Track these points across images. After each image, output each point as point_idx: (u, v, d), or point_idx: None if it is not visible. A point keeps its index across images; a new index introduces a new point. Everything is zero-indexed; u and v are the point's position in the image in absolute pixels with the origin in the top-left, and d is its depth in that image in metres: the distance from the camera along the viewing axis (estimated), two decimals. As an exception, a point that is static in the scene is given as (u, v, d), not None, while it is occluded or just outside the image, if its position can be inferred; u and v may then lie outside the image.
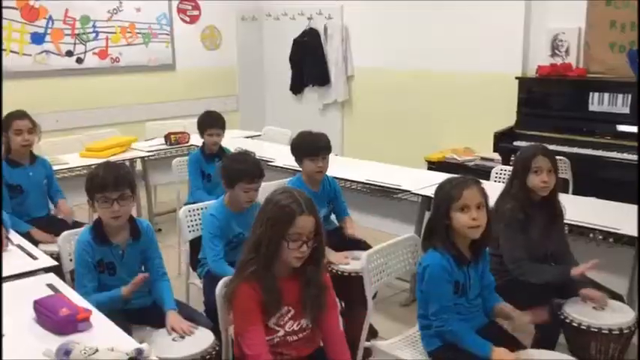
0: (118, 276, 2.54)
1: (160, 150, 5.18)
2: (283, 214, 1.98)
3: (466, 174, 2.46)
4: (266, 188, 3.07)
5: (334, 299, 2.21)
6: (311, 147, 3.32)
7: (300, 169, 3.42)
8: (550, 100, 5.07)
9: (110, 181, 2.43)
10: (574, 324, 2.52)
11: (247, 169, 2.95)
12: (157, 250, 2.67)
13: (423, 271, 2.34)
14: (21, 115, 3.67)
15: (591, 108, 4.72)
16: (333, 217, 3.59)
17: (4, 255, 2.57)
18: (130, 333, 2.20)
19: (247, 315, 2.01)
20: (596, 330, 2.47)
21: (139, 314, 2.54)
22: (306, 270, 2.08)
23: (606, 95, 4.66)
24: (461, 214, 2.27)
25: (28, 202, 3.65)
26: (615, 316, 2.52)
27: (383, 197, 3.96)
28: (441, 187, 2.38)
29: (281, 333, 2.07)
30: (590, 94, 4.72)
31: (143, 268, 2.63)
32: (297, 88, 7.43)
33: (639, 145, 4.34)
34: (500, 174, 4.13)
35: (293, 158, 3.44)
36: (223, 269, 2.82)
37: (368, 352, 2.68)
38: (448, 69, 5.87)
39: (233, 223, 2.99)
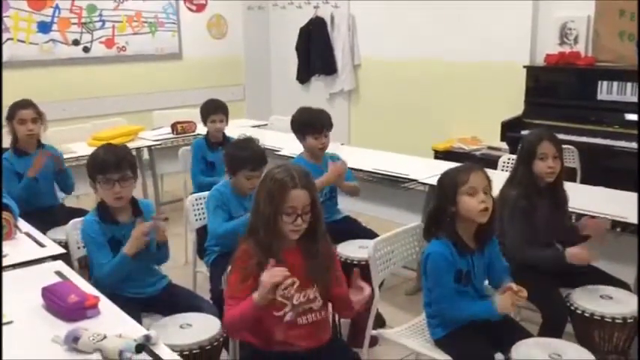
0: None
1: (167, 139, 5.18)
2: (277, 189, 2.02)
3: (473, 163, 2.46)
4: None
5: (340, 271, 2.23)
6: (314, 124, 3.38)
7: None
8: (558, 89, 5.04)
9: (111, 162, 2.45)
10: (578, 311, 2.52)
11: (250, 157, 2.97)
12: None
13: (426, 259, 2.34)
14: (25, 104, 3.66)
15: (600, 97, 4.69)
16: (340, 206, 3.59)
17: (13, 243, 2.59)
18: (139, 320, 2.22)
19: (243, 273, 2.02)
20: (598, 318, 2.47)
21: (149, 302, 2.55)
22: (306, 242, 2.10)
23: (615, 84, 4.63)
24: (469, 198, 2.25)
25: (36, 191, 3.63)
26: (620, 306, 2.52)
27: (390, 186, 3.95)
28: (445, 175, 2.37)
29: (289, 307, 2.06)
30: (599, 82, 4.69)
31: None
32: (303, 77, 7.41)
33: (639, 134, 4.32)
34: (508, 163, 4.11)
35: (294, 135, 3.49)
36: (225, 227, 2.88)
37: (374, 340, 2.69)
38: (455, 58, 5.84)
39: (236, 204, 3.01)
